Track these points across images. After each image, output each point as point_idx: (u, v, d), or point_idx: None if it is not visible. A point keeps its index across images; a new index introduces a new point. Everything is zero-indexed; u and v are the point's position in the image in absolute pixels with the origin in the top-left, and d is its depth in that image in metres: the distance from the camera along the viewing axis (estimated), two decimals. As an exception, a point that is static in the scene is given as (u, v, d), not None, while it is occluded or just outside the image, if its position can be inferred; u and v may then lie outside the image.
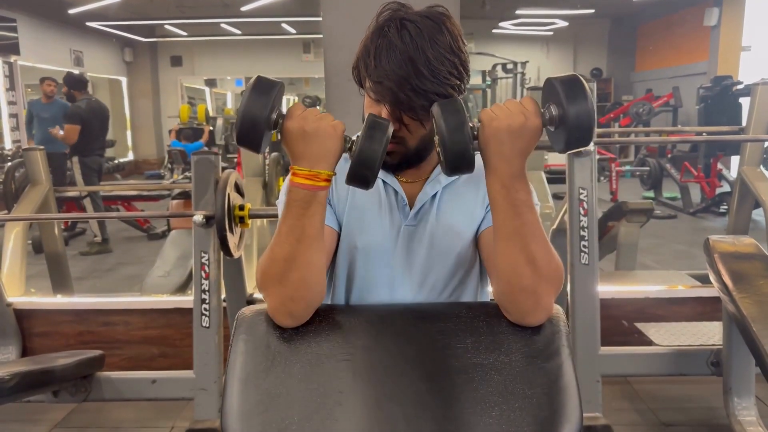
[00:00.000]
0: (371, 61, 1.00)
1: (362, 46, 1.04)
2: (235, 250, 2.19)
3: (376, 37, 1.01)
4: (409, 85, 0.97)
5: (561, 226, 2.74)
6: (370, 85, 1.03)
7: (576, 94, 0.91)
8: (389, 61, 0.98)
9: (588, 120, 0.91)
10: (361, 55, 1.03)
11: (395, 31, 0.98)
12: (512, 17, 10.54)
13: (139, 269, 4.84)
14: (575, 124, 0.91)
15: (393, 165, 1.09)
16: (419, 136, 1.05)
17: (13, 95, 8.84)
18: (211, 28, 11.54)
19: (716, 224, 6.47)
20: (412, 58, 0.97)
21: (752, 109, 2.97)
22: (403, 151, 1.07)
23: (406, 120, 1.02)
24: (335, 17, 2.01)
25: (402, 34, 0.98)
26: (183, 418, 2.47)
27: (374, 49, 1.00)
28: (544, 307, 1.00)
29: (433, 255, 1.11)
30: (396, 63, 0.97)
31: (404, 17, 1.00)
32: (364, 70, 1.03)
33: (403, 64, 0.97)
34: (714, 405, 2.40)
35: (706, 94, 7.13)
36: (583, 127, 0.92)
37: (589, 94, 0.93)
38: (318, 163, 0.95)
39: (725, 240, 2.07)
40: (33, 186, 3.13)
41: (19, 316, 2.70)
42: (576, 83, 0.92)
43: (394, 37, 0.98)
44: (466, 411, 0.91)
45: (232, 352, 1.01)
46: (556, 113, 0.93)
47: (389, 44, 0.98)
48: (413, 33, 0.98)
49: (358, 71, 1.06)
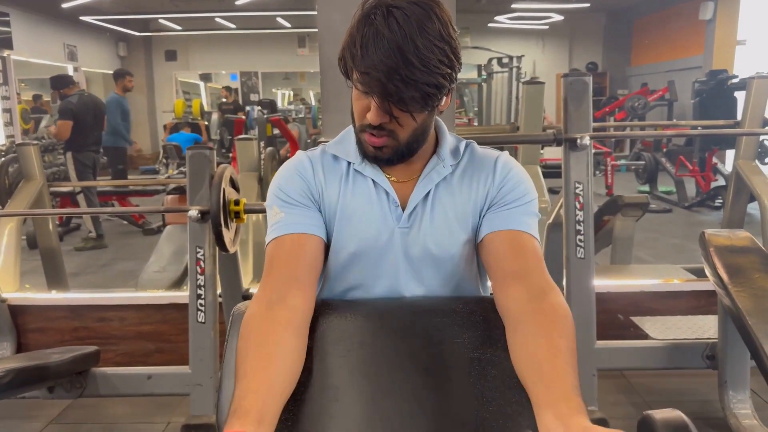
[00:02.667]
0: (357, 50, 0.93)
1: (348, 36, 0.96)
2: (230, 245, 2.18)
3: (362, 25, 0.94)
4: (398, 75, 0.91)
5: (557, 220, 2.75)
6: (357, 77, 0.96)
7: None
8: (377, 51, 0.91)
9: None
10: (347, 44, 0.96)
11: (382, 19, 0.92)
12: (508, 11, 10.53)
13: (135, 265, 4.82)
14: None
15: (385, 160, 1.05)
16: (411, 129, 1.00)
17: (6, 90, 8.79)
18: (205, 22, 11.49)
19: (711, 218, 6.49)
20: (400, 47, 0.90)
21: (747, 103, 2.98)
22: (395, 145, 1.02)
23: (396, 112, 0.97)
24: (330, 11, 2.00)
25: (389, 21, 0.91)
26: (179, 413, 2.47)
27: (360, 39, 0.93)
28: None
29: (428, 256, 1.08)
30: (384, 52, 0.91)
31: (391, 4, 0.93)
32: (351, 61, 0.95)
33: (391, 53, 0.91)
34: (709, 398, 2.41)
35: (702, 88, 7.14)
36: None
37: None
38: None
39: (720, 234, 2.07)
40: (27, 181, 3.12)
41: (14, 311, 2.69)
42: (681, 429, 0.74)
43: (381, 25, 0.92)
44: (463, 406, 0.91)
45: (227, 348, 1.01)
46: None
47: (376, 33, 0.91)
48: (401, 20, 0.91)
49: (344, 62, 0.98)
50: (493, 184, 1.09)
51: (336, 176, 1.10)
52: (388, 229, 1.08)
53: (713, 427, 2.29)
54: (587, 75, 2.28)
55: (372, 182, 1.09)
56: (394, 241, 1.08)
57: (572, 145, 2.23)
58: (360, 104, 1.00)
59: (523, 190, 1.09)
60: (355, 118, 1.03)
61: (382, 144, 1.01)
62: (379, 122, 0.98)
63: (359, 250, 1.08)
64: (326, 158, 1.12)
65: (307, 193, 1.09)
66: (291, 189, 1.09)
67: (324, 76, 2.05)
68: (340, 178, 1.10)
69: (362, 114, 1.00)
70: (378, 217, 1.08)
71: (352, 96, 1.02)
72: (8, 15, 8.99)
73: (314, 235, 1.06)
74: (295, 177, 1.10)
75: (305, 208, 1.08)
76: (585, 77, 2.25)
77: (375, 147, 1.02)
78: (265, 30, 11.98)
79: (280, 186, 1.10)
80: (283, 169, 1.13)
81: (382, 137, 1.00)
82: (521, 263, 1.01)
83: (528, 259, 1.02)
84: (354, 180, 1.10)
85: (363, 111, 1.00)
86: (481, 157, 1.13)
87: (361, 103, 0.99)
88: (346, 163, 1.11)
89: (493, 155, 1.13)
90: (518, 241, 1.04)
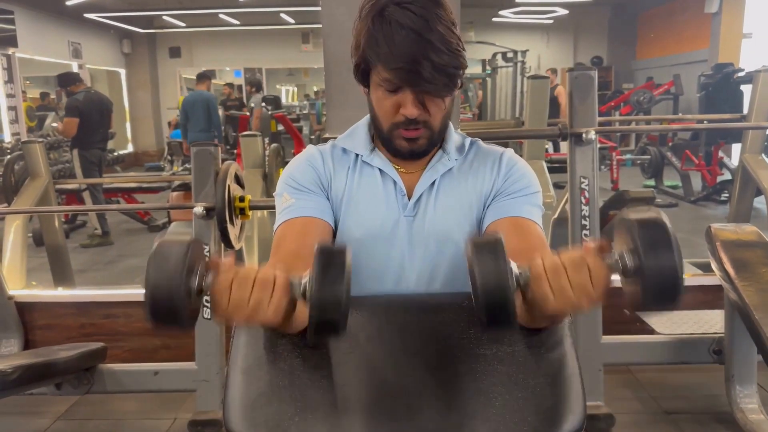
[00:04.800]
0: (384, 48, 0.95)
1: (364, 38, 0.98)
2: (235, 241, 2.19)
3: (378, 24, 0.96)
4: (431, 63, 0.93)
5: (562, 215, 2.74)
6: (385, 76, 0.97)
7: (657, 244, 0.75)
8: (405, 44, 0.93)
9: (671, 279, 0.74)
10: (368, 46, 0.98)
11: (400, 14, 0.94)
12: (512, 5, 10.49)
13: (140, 261, 4.84)
14: (655, 283, 0.74)
15: (421, 152, 1.07)
16: (441, 115, 1.03)
17: (11, 88, 8.81)
18: (209, 18, 11.49)
19: (717, 212, 6.46)
20: (426, 36, 0.93)
21: (753, 96, 2.96)
22: (429, 135, 1.04)
23: (428, 101, 0.99)
24: (334, 6, 1.99)
25: (406, 15, 0.94)
26: (185, 409, 2.48)
27: (383, 37, 0.95)
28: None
29: (433, 245, 1.09)
30: (412, 43, 0.93)
31: (401, 2, 0.95)
32: (376, 61, 0.97)
33: (419, 43, 0.93)
34: (716, 393, 2.40)
35: (707, 81, 7.10)
36: (666, 286, 0.74)
37: (675, 242, 0.75)
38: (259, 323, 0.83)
39: (727, 228, 2.06)
40: (33, 179, 3.13)
41: (21, 309, 2.70)
42: (657, 227, 0.76)
43: (400, 19, 0.94)
44: (469, 402, 0.91)
45: (233, 344, 1.01)
46: (632, 265, 0.76)
47: (398, 27, 0.94)
48: (417, 12, 0.94)
49: (364, 66, 1.01)
50: (498, 176, 1.11)
51: (344, 166, 1.13)
52: (394, 217, 1.10)
53: (720, 422, 2.29)
54: (592, 69, 2.27)
55: (379, 172, 1.11)
56: (399, 229, 1.09)
57: (577, 139, 2.22)
58: (388, 104, 1.01)
59: (528, 182, 1.11)
60: (383, 120, 1.04)
61: (418, 135, 1.03)
62: (417, 114, 0.99)
63: (364, 237, 1.09)
64: (336, 151, 1.15)
65: (317, 182, 1.11)
66: (302, 177, 1.11)
67: (328, 72, 2.05)
68: (348, 168, 1.12)
69: (392, 113, 1.02)
70: (384, 205, 1.10)
71: (373, 99, 1.03)
72: (13, 13, 9.01)
73: (323, 220, 1.08)
74: (306, 167, 1.13)
75: (315, 194, 1.10)
76: (590, 72, 2.24)
77: (410, 141, 1.04)
78: (268, 26, 11.98)
79: (291, 175, 1.12)
80: (294, 161, 1.16)
81: (418, 129, 1.02)
82: (524, 244, 1.01)
83: (532, 240, 1.03)
84: (362, 170, 1.12)
85: (393, 110, 1.01)
86: (485, 152, 1.15)
87: (389, 102, 1.01)
88: (355, 155, 1.13)
89: (498, 150, 1.15)
90: (521, 226, 1.05)
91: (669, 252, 0.74)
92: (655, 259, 0.74)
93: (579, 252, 0.80)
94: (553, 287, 0.78)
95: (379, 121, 1.05)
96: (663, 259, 0.74)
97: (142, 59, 12.74)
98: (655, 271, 0.74)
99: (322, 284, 0.75)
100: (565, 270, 0.78)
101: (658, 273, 0.74)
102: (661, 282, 0.74)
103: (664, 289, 0.74)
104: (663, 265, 0.74)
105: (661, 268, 0.74)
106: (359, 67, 1.02)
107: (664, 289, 0.74)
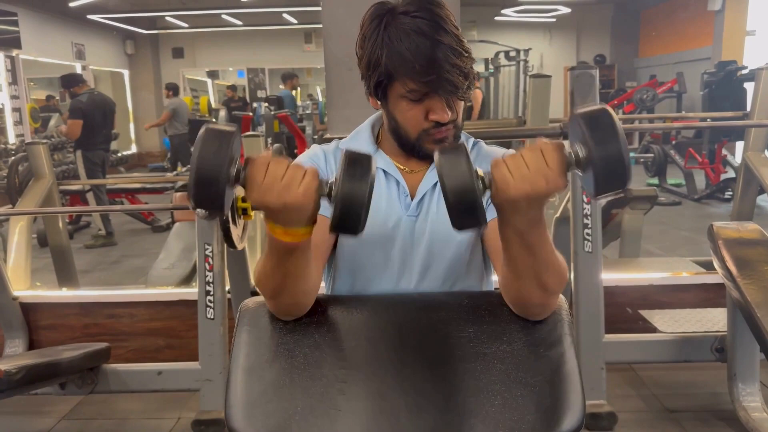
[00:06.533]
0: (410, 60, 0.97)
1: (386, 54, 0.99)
2: (238, 241, 2.19)
3: (395, 38, 0.98)
4: (457, 69, 0.98)
5: (564, 213, 2.74)
6: (412, 87, 1.00)
7: (603, 132, 0.80)
8: (429, 53, 0.96)
9: (618, 163, 0.80)
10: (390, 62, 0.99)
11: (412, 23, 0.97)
12: (514, 4, 10.48)
13: (144, 262, 4.85)
14: (604, 168, 0.80)
15: None
16: (461, 112, 1.07)
17: (15, 89, 8.84)
18: (212, 19, 11.50)
19: (721, 210, 6.44)
20: (444, 42, 0.97)
21: (757, 94, 2.95)
22: (455, 132, 1.08)
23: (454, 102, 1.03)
24: (335, 7, 2.00)
25: (418, 23, 0.97)
26: (189, 408, 2.48)
27: (406, 50, 0.97)
28: (550, 310, 1.01)
29: (434, 245, 1.10)
30: (436, 51, 0.96)
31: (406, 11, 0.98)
32: (403, 75, 0.99)
33: (441, 50, 0.97)
34: (718, 391, 2.40)
35: (711, 79, 7.07)
36: (614, 171, 0.80)
37: (620, 129, 0.81)
38: (292, 224, 0.88)
39: (729, 226, 2.06)
40: (37, 180, 3.14)
41: (25, 309, 2.72)
42: (602, 117, 0.81)
43: (415, 28, 0.97)
44: (468, 400, 0.91)
45: (235, 344, 1.02)
46: (583, 155, 0.82)
47: (417, 36, 0.97)
48: (427, 17, 0.97)
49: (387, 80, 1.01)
50: None
51: None
52: (396, 217, 1.11)
53: (723, 420, 2.29)
54: (594, 68, 2.27)
55: (383, 172, 1.12)
56: (401, 229, 1.10)
57: (579, 138, 2.21)
58: (415, 113, 1.03)
59: None
60: (410, 129, 1.06)
61: (448, 134, 1.06)
62: (449, 118, 1.03)
63: (366, 236, 1.09)
64: (339, 151, 1.16)
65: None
66: None
67: (329, 72, 2.05)
68: None
69: (420, 119, 1.04)
70: (386, 205, 1.11)
71: (395, 111, 1.05)
72: (16, 14, 9.03)
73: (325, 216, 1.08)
74: (310, 164, 1.13)
75: None
76: (591, 70, 2.23)
77: (440, 141, 1.06)
78: (271, 26, 11.99)
79: None
80: (298, 159, 1.17)
81: (448, 129, 1.05)
82: None
83: None
84: None
85: (420, 117, 1.03)
86: (488, 153, 1.16)
87: (416, 111, 1.03)
88: None
89: (500, 151, 1.16)
90: None
91: (614, 138, 0.80)
92: (602, 144, 0.80)
93: (534, 144, 0.86)
94: (512, 170, 0.83)
95: (404, 130, 1.07)
96: (609, 144, 0.80)
97: (145, 60, 12.75)
98: (603, 156, 0.80)
99: (349, 180, 0.82)
100: (522, 156, 0.84)
101: (606, 157, 0.80)
102: (609, 165, 0.80)
103: (613, 172, 0.80)
104: (610, 149, 0.80)
105: (608, 152, 0.80)
106: (381, 84, 1.03)
107: (613, 172, 0.80)
